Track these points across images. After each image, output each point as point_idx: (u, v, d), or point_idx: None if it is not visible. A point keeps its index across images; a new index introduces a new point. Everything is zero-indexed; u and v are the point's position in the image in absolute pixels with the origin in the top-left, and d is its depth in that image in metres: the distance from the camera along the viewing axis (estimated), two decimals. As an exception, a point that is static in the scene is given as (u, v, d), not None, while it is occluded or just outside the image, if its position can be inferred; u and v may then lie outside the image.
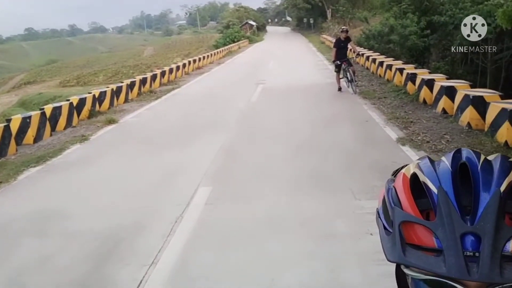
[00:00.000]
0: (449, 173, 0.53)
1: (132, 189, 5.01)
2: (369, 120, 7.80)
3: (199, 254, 3.49)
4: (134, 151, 6.73)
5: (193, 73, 18.81)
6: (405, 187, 0.55)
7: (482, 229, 0.47)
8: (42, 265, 3.41)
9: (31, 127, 7.70)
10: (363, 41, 18.66)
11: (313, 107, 9.35)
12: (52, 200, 4.86)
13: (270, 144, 6.54)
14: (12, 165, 6.30)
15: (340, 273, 3.07)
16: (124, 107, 10.99)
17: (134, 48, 69.55)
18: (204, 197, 4.57)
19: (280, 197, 4.50)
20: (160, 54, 44.59)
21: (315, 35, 42.78)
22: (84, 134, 8.07)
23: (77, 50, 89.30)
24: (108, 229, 3.96)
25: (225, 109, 9.70)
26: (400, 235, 0.51)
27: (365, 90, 10.83)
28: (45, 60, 66.21)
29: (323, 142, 6.47)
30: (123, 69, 31.59)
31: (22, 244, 3.79)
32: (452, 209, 0.49)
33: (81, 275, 3.25)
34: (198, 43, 50.01)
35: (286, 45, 34.29)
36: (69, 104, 9.11)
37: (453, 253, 0.47)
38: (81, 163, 6.25)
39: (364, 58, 15.43)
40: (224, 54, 28.46)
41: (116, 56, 54.84)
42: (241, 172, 5.38)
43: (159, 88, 14.28)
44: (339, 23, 32.81)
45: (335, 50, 10.85)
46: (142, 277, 3.16)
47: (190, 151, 6.40)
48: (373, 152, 5.80)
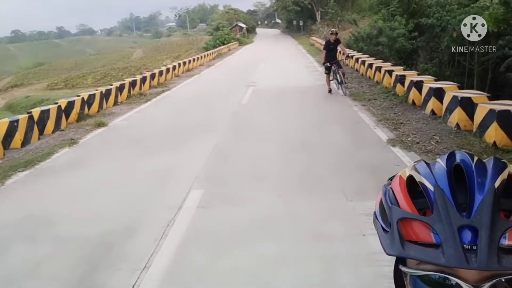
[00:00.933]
0: (444, 172, 0.54)
1: (123, 193, 4.96)
2: (360, 122, 7.85)
3: (191, 258, 3.47)
4: (124, 154, 6.67)
5: (183, 75, 18.74)
6: (401, 187, 0.56)
7: (478, 222, 0.48)
8: (32, 272, 3.35)
9: (19, 131, 7.58)
10: (353, 43, 18.79)
11: (303, 109, 9.39)
12: (41, 205, 4.78)
13: (261, 146, 6.54)
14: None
15: (334, 275, 3.07)
16: (114, 110, 10.89)
17: (123, 50, 69.01)
18: (196, 200, 4.54)
19: (272, 199, 4.50)
20: (150, 57, 44.35)
21: (304, 37, 43.01)
22: (73, 137, 7.97)
23: (65, 53, 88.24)
24: (99, 233, 3.91)
25: (216, 112, 9.68)
26: (398, 231, 0.52)
27: (355, 92, 10.91)
28: (32, 63, 65.29)
29: (314, 143, 6.49)
30: (112, 71, 31.34)
31: (10, 250, 3.72)
32: (448, 204, 0.50)
33: (72, 282, 3.20)
34: (188, 45, 49.87)
35: (276, 47, 34.40)
36: (57, 107, 8.99)
37: (451, 244, 0.48)
38: (70, 167, 6.17)
39: (353, 60, 15.54)
40: (214, 56, 28.43)
41: (104, 58, 54.35)
42: (233, 175, 5.36)
43: (149, 90, 14.20)
44: (328, 25, 32.97)
45: (325, 52, 10.92)
46: (134, 282, 3.12)
47: (181, 154, 6.37)
48: (364, 153, 5.84)
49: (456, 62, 12.40)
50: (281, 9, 61.78)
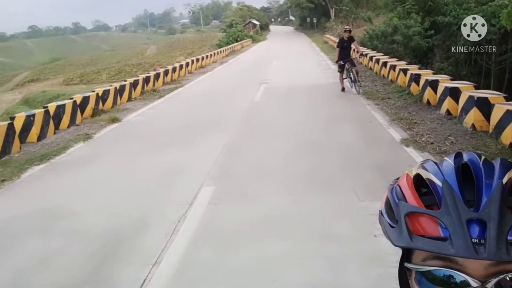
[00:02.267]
0: (452, 169, 0.55)
1: (135, 188, 5.02)
2: (373, 121, 7.78)
3: (202, 254, 3.49)
4: (137, 150, 6.74)
5: (196, 72, 18.82)
6: (409, 184, 0.56)
7: (487, 215, 0.48)
8: (45, 264, 3.42)
9: (35, 125, 7.72)
10: (367, 41, 18.60)
11: (316, 107, 9.34)
12: (56, 198, 4.87)
13: (272, 144, 6.53)
14: (16, 163, 6.32)
15: (343, 275, 3.06)
16: (128, 106, 11.01)
17: (137, 46, 69.67)
18: (207, 196, 4.57)
19: (282, 197, 4.50)
20: (163, 53, 44.64)
21: (318, 35, 42.73)
22: (87, 132, 8.09)
23: (80, 48, 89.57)
24: (111, 228, 3.97)
25: (228, 109, 9.70)
26: (406, 224, 0.52)
27: (369, 91, 10.80)
28: (48, 58, 66.35)
29: (326, 142, 6.46)
30: (126, 67, 31.67)
31: (24, 242, 3.80)
32: (457, 198, 0.51)
33: (84, 275, 3.25)
34: (201, 42, 50.03)
35: (289, 45, 34.25)
36: (72, 103, 9.13)
37: (460, 236, 0.48)
38: (84, 162, 6.26)
39: (367, 58, 15.39)
40: (227, 53, 28.47)
41: (119, 54, 54.94)
42: (244, 172, 5.38)
43: (162, 87, 14.30)
44: (342, 23, 32.72)
45: (338, 50, 10.83)
46: (145, 277, 3.16)
47: (193, 150, 6.41)
48: (376, 153, 5.79)
49: (473, 61, 12.18)
50: (295, 6, 61.47)
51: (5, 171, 5.92)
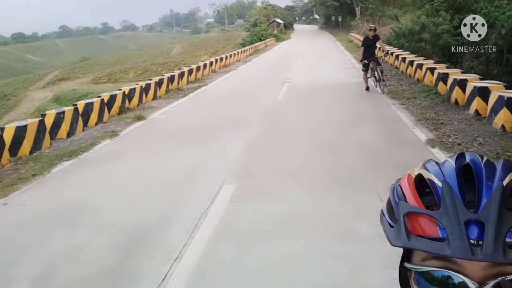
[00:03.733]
0: (453, 169, 0.55)
1: (159, 184, 5.13)
2: (397, 121, 7.64)
3: (222, 250, 3.54)
4: (161, 147, 6.88)
5: (219, 71, 18.98)
6: (410, 184, 0.57)
7: (485, 217, 0.48)
8: (73, 257, 3.56)
9: (65, 122, 8.01)
10: (393, 40, 18.23)
11: (339, 106, 9.25)
12: (83, 193, 5.04)
13: (295, 142, 6.53)
14: (46, 158, 6.58)
15: (362, 275, 3.04)
16: (152, 104, 11.24)
17: (163, 46, 70.86)
18: (228, 194, 4.62)
19: (303, 196, 4.50)
20: (188, 52, 45.22)
21: (343, 34, 42.20)
22: (114, 130, 8.31)
23: (108, 48, 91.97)
24: (135, 222, 4.08)
25: (251, 107, 9.74)
26: (405, 224, 0.52)
27: (394, 90, 10.60)
28: (78, 57, 68.53)
29: (349, 141, 6.39)
30: (152, 66, 32.28)
31: (54, 235, 3.96)
32: (456, 199, 0.50)
33: (109, 267, 3.36)
34: (226, 41, 50.37)
35: (313, 44, 33.99)
36: (100, 101, 9.40)
37: (457, 237, 0.48)
38: (111, 158, 6.45)
39: (393, 57, 15.08)
40: (251, 52, 28.55)
41: (145, 54, 56.05)
42: (265, 170, 5.40)
43: (186, 85, 14.51)
44: (368, 21, 32.14)
45: (363, 48, 10.69)
46: (167, 271, 3.23)
47: (216, 148, 6.48)
48: (400, 153, 5.68)
49: (504, 60, 11.74)
50: (320, 5, 60.90)
51: (36, 166, 6.17)
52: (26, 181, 5.55)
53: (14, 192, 5.16)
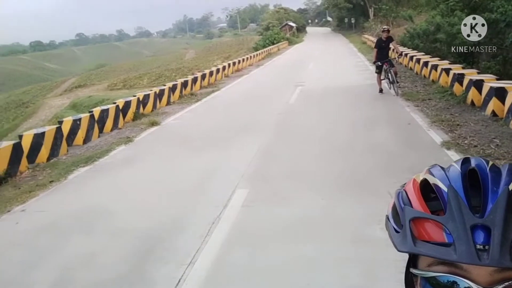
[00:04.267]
0: (459, 174, 0.54)
1: (172, 189, 5.19)
2: (412, 123, 7.54)
3: (235, 255, 3.55)
4: (175, 152, 6.95)
5: (232, 75, 19.08)
6: (415, 189, 0.56)
7: (491, 221, 0.48)
8: (88, 261, 3.62)
9: (81, 129, 8.16)
10: (407, 41, 18.03)
11: (352, 109, 9.19)
12: (99, 198, 5.13)
13: (307, 146, 6.51)
14: (63, 164, 6.72)
15: (376, 280, 3.01)
16: (166, 110, 11.37)
17: (176, 51, 71.65)
18: (241, 199, 4.64)
19: (316, 200, 4.48)
20: (201, 57, 45.59)
21: (356, 35, 41.93)
22: (129, 135, 8.44)
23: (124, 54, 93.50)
24: (149, 228, 4.13)
25: (263, 111, 9.76)
26: (410, 229, 0.52)
27: (408, 92, 10.47)
28: (94, 64, 69.80)
29: (362, 144, 6.34)
30: (166, 72, 32.62)
31: (70, 240, 4.03)
32: (462, 204, 0.50)
33: (124, 272, 3.41)
34: (238, 45, 50.62)
35: (326, 46, 33.88)
36: (115, 107, 9.56)
37: (463, 242, 0.48)
38: (125, 164, 6.54)
39: (407, 58, 14.92)
40: (263, 56, 28.61)
41: (159, 59, 56.74)
42: (278, 174, 5.40)
43: (199, 90, 14.63)
44: (381, 22, 31.91)
45: (376, 50, 10.62)
46: (180, 276, 3.26)
47: (228, 153, 6.51)
48: (415, 156, 5.61)
49: (523, 59, 11.46)
50: (332, 7, 60.71)
51: (53, 173, 6.31)
52: (44, 187, 5.68)
53: (32, 199, 5.28)
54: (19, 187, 5.82)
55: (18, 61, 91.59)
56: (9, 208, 5.01)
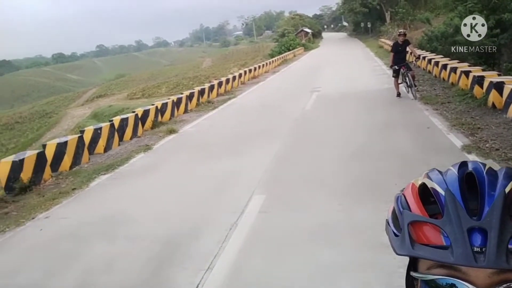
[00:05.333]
0: (456, 178, 0.55)
1: (190, 196, 5.26)
2: (431, 127, 7.42)
3: (252, 261, 3.57)
4: (192, 159, 7.04)
5: (248, 82, 19.20)
6: (413, 193, 0.57)
7: (488, 224, 0.49)
8: (109, 267, 3.70)
9: (102, 138, 8.37)
10: (425, 43, 17.80)
11: (369, 114, 9.11)
12: (119, 205, 5.24)
13: (324, 151, 6.49)
14: (85, 173, 6.90)
15: (395, 286, 2.96)
16: (184, 117, 11.53)
17: (193, 60, 72.63)
18: (257, 205, 4.66)
19: (333, 205, 4.46)
20: (218, 65, 46.03)
21: (372, 40, 41.62)
22: (147, 143, 8.59)
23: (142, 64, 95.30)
24: (167, 233, 4.19)
25: (279, 118, 9.79)
26: (409, 232, 0.53)
27: (427, 95, 10.32)
28: (114, 75, 71.41)
29: (379, 150, 6.28)
30: (183, 80, 33.06)
31: (92, 246, 4.14)
32: (459, 207, 0.51)
33: (144, 277, 3.47)
34: (254, 52, 50.93)
35: (342, 51, 33.73)
36: (134, 116, 9.76)
37: (460, 244, 0.49)
38: (144, 171, 6.67)
39: (425, 61, 14.71)
40: (279, 63, 28.70)
41: (177, 68, 57.60)
42: (295, 180, 5.40)
43: (216, 98, 14.78)
44: (398, 26, 31.57)
45: (393, 54, 10.52)
46: (198, 282, 3.30)
47: (245, 159, 6.56)
48: (434, 160, 5.50)
49: (546, 60, 11.14)
50: (348, 12, 60.40)
51: (76, 180, 6.48)
52: (67, 195, 5.84)
53: (55, 206, 5.44)
54: (43, 194, 6.01)
55: (41, 73, 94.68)
56: (34, 215, 5.17)
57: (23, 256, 4.16)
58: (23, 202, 5.78)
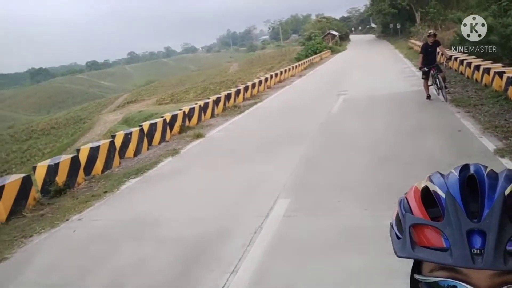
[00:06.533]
0: (456, 180, 0.56)
1: (216, 199, 5.33)
2: (462, 130, 7.18)
3: (277, 265, 3.58)
4: (218, 163, 7.14)
5: (274, 86, 19.24)
6: (416, 196, 0.59)
7: (487, 226, 0.50)
8: (138, 267, 3.82)
9: (132, 142, 8.63)
10: (457, 44, 17.23)
11: (397, 117, 8.93)
12: (147, 208, 5.40)
13: (350, 156, 6.41)
14: (116, 176, 7.13)
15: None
16: (211, 122, 11.70)
17: (221, 65, 73.47)
18: (282, 209, 4.67)
19: (359, 211, 4.40)
20: (244, 70, 46.39)
21: (402, 41, 40.69)
22: (175, 148, 8.78)
23: (171, 70, 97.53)
24: (194, 236, 4.28)
25: (305, 122, 9.75)
26: (410, 235, 0.54)
27: (458, 97, 9.99)
28: (144, 81, 73.39)
29: (408, 154, 6.14)
30: (211, 85, 33.56)
31: (122, 247, 4.28)
32: (459, 210, 0.52)
33: (171, 278, 3.56)
34: (281, 56, 50.97)
35: (370, 53, 33.19)
36: (163, 121, 10.01)
37: (459, 246, 0.50)
38: (172, 175, 6.82)
39: (457, 62, 14.25)
40: (305, 66, 28.59)
41: (204, 74, 58.48)
42: (320, 185, 5.37)
43: (242, 102, 14.91)
44: (429, 26, 30.70)
45: (422, 56, 10.27)
46: (223, 284, 3.35)
47: (270, 163, 6.58)
48: (465, 165, 5.34)
49: None
50: (376, 13, 59.44)
51: (107, 184, 6.72)
52: (99, 198, 6.06)
53: (88, 208, 5.67)
54: (76, 197, 6.27)
55: (76, 80, 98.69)
56: (68, 217, 5.41)
57: (58, 256, 4.36)
58: (58, 204, 6.05)
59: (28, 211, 5.80)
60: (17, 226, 5.36)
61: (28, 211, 5.79)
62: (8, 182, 5.75)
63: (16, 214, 5.69)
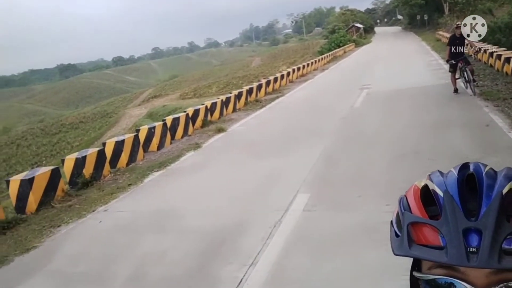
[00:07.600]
0: (455, 179, 0.56)
1: (236, 193, 5.39)
2: (490, 125, 6.95)
3: (295, 259, 3.60)
4: (239, 157, 7.20)
5: (297, 80, 19.13)
6: (415, 195, 0.59)
7: (483, 224, 0.50)
8: (160, 258, 3.92)
9: (155, 136, 8.81)
10: (488, 35, 16.59)
11: (423, 111, 8.71)
12: (170, 200, 5.52)
13: (372, 151, 6.33)
14: (140, 169, 7.31)
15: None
16: (232, 116, 11.77)
17: (243, 59, 73.59)
18: (302, 203, 4.67)
19: (381, 206, 4.34)
20: (267, 64, 46.27)
21: (429, 33, 39.53)
22: (197, 142, 8.90)
23: (194, 65, 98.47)
24: (214, 228, 4.35)
25: (327, 116, 9.67)
26: (408, 234, 0.55)
27: (487, 91, 9.65)
28: (168, 76, 74.47)
29: (433, 149, 6.00)
30: (233, 80, 33.71)
31: (145, 238, 4.40)
32: (456, 208, 0.52)
33: (191, 269, 3.65)
34: (304, 50, 50.56)
35: (395, 46, 32.43)
36: (185, 115, 10.16)
37: (455, 245, 0.50)
38: (194, 168, 6.93)
39: (487, 55, 13.74)
40: (328, 60, 28.25)
41: (227, 68, 58.72)
42: (340, 180, 5.33)
43: (264, 97, 14.90)
44: (458, 18, 29.71)
45: (449, 48, 9.95)
46: (242, 276, 3.40)
47: (291, 158, 6.58)
48: (494, 161, 5.16)
49: None
50: (403, 5, 57.78)
51: (132, 177, 6.90)
52: (123, 190, 6.24)
53: (113, 200, 5.84)
54: (102, 189, 6.47)
55: (102, 75, 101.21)
56: (94, 208, 5.60)
57: (84, 245, 4.53)
58: (85, 196, 6.27)
59: (56, 202, 6.04)
60: (46, 216, 5.59)
61: (56, 202, 6.03)
62: (38, 174, 6.00)
63: (46, 205, 5.93)
